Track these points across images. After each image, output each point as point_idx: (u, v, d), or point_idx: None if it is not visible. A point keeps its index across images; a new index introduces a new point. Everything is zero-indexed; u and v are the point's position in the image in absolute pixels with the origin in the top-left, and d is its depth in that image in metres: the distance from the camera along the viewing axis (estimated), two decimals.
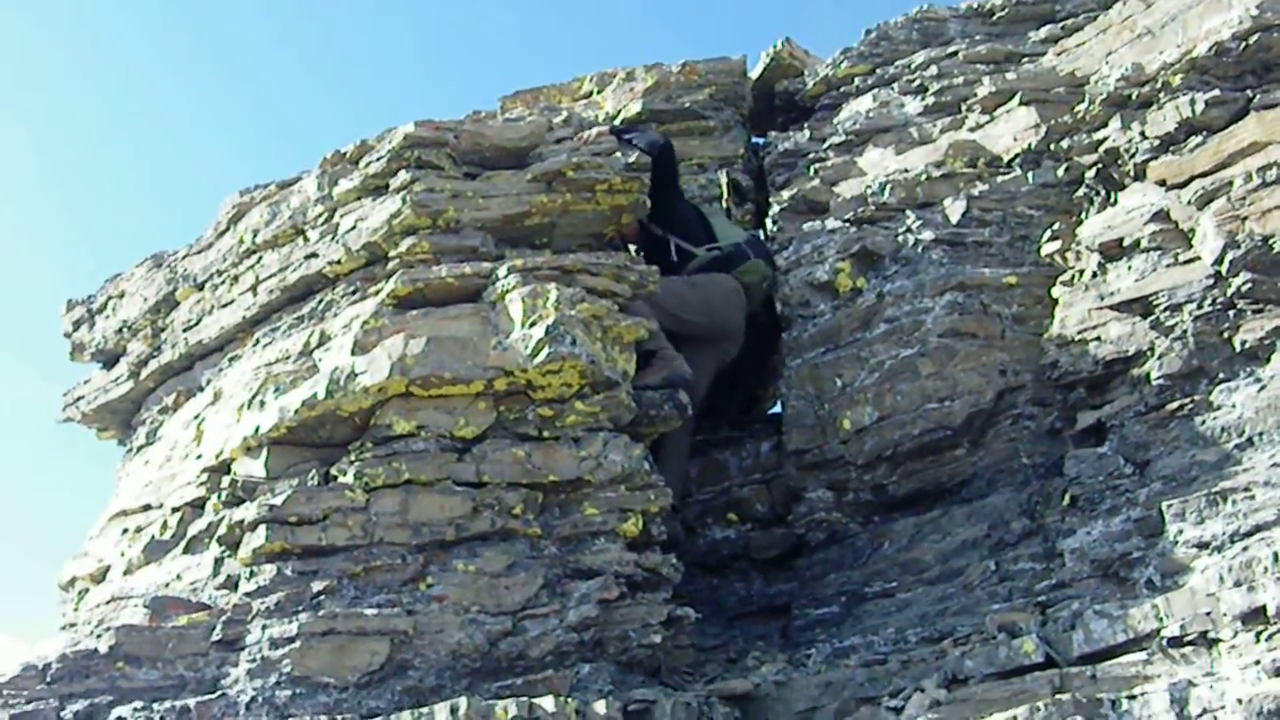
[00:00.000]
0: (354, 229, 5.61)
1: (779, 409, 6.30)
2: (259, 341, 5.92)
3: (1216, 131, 5.12)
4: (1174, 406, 4.79)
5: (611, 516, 4.85)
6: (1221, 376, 4.72)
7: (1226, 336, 4.74)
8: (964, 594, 5.02)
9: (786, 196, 6.43)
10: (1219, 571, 3.92)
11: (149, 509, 5.87)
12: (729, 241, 6.19)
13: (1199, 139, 5.16)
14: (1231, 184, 4.88)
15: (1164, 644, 3.91)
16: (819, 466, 5.78)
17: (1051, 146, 5.84)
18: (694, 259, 6.09)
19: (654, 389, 5.27)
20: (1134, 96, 5.52)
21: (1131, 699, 3.73)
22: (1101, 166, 5.54)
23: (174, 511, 5.53)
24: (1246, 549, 3.99)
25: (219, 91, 30.66)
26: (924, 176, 6.07)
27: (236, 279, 6.17)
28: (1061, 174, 5.76)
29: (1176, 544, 4.29)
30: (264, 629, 4.52)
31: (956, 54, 6.70)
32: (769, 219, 6.48)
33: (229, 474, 5.26)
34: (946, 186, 6.01)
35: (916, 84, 6.64)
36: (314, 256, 5.77)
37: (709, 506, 6.27)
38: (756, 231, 6.52)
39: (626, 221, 5.78)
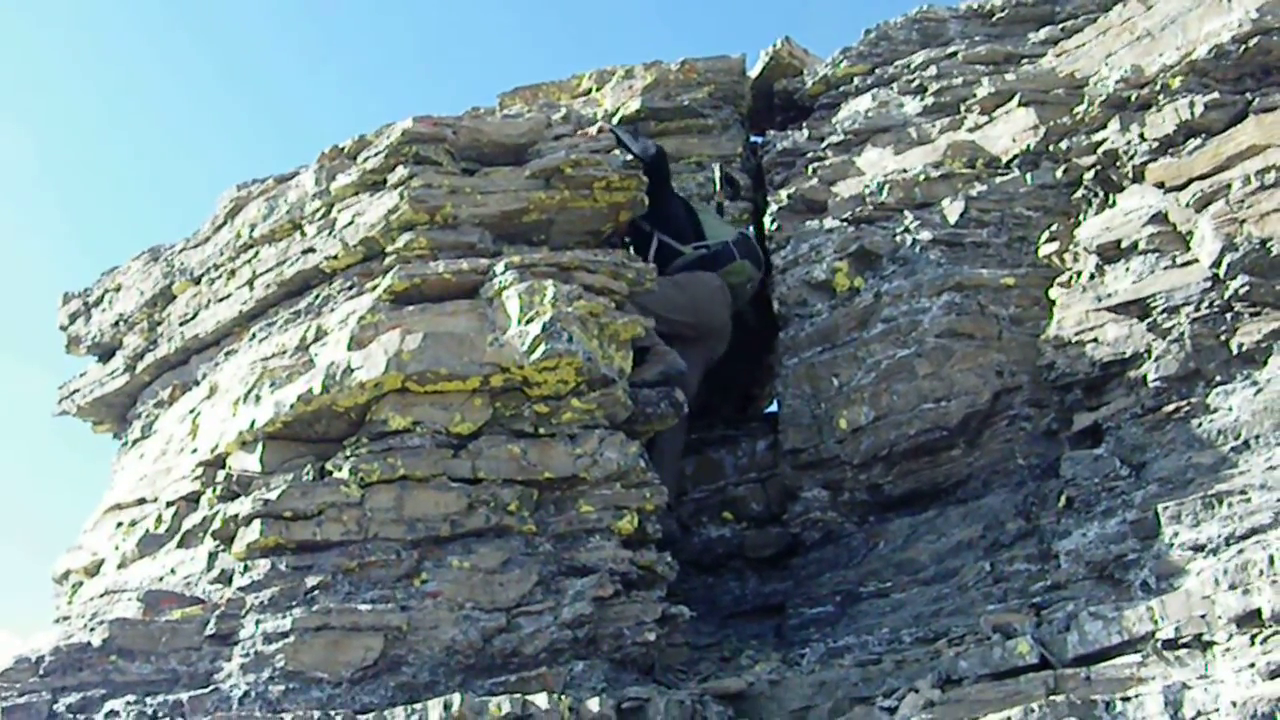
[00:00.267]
0: (351, 224, 5.60)
1: (775, 408, 6.31)
2: (255, 336, 5.91)
3: (1215, 134, 5.12)
4: (1170, 409, 4.79)
5: (607, 514, 4.84)
6: (1218, 379, 4.72)
7: (1224, 339, 4.73)
8: (959, 595, 5.02)
9: (784, 195, 6.42)
10: (1214, 574, 3.92)
11: (144, 503, 5.86)
12: (716, 240, 6.18)
13: (1198, 141, 5.16)
14: (1230, 187, 4.88)
15: (1159, 646, 3.91)
16: (815, 466, 5.78)
17: (1050, 148, 5.84)
18: (680, 256, 6.07)
19: (651, 385, 5.26)
20: (1133, 98, 5.52)
21: (1126, 701, 3.73)
22: (1100, 168, 5.54)
23: (169, 505, 5.51)
24: (1242, 552, 3.99)
25: (217, 87, 30.64)
26: (922, 177, 6.07)
27: (233, 273, 6.16)
28: (1060, 175, 5.75)
29: (1172, 546, 4.29)
30: (258, 624, 4.51)
31: (956, 54, 6.70)
32: (767, 218, 6.47)
33: (224, 468, 5.25)
34: (945, 187, 6.00)
35: (916, 84, 6.64)
36: (311, 251, 5.76)
37: (704, 505, 6.27)
38: (746, 230, 6.49)
39: (624, 219, 5.76)
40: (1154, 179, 5.25)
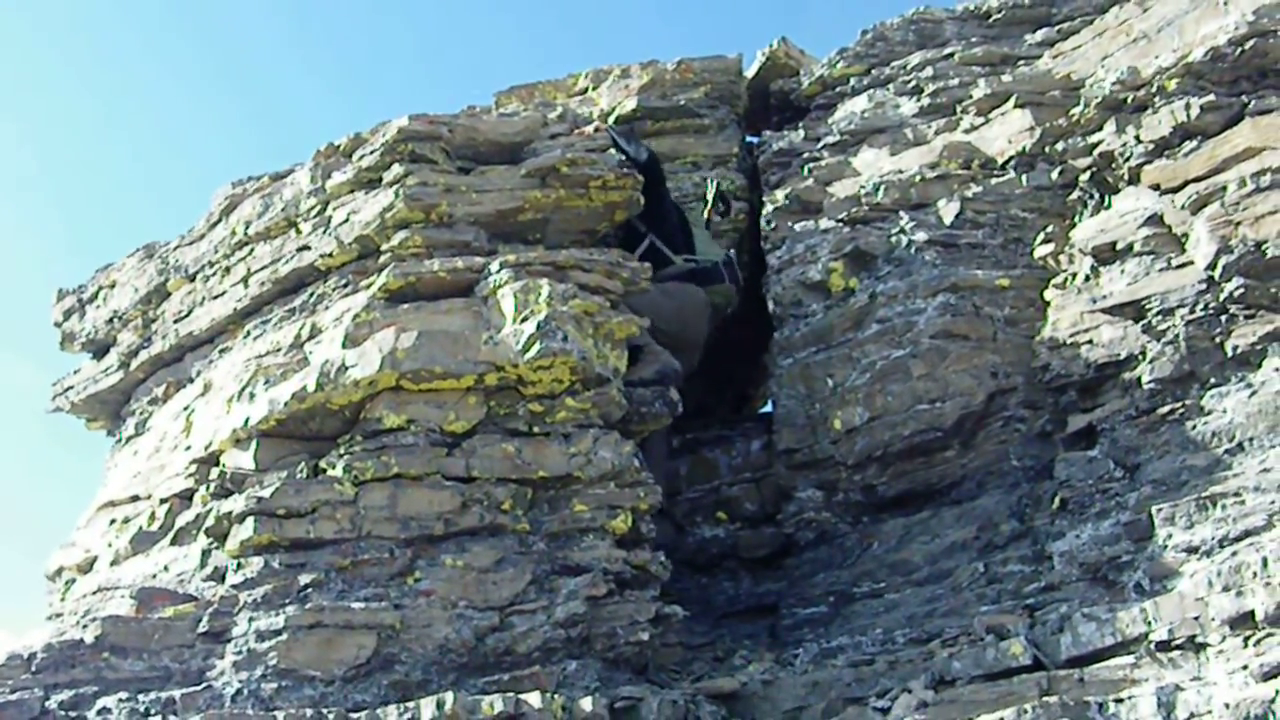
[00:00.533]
0: (346, 222, 5.59)
1: (770, 408, 6.30)
2: (249, 333, 5.90)
3: (1211, 136, 5.12)
4: (1165, 411, 4.78)
5: (600, 513, 4.84)
6: (1213, 381, 4.72)
7: (1218, 341, 4.73)
8: (952, 595, 5.02)
9: (780, 196, 6.41)
10: (1208, 576, 3.92)
11: (137, 500, 5.85)
12: (706, 257, 6.19)
13: (1193, 144, 5.16)
14: (1225, 189, 4.88)
15: (1152, 648, 3.91)
16: (809, 466, 5.78)
17: (1046, 149, 5.84)
18: (670, 265, 6.06)
19: (649, 383, 5.25)
20: (1129, 100, 5.52)
21: (1119, 702, 3.73)
22: (1096, 170, 5.54)
23: (162, 503, 5.51)
24: (1235, 554, 3.99)
25: (213, 84, 30.59)
26: (918, 177, 6.07)
27: (228, 270, 6.15)
28: (1055, 177, 5.76)
29: (1165, 548, 4.29)
30: (250, 621, 4.50)
31: (952, 56, 6.71)
32: (762, 218, 6.46)
33: (218, 466, 5.24)
34: (940, 188, 6.01)
35: (912, 85, 6.64)
36: (306, 249, 5.75)
37: (698, 505, 6.27)
38: (730, 253, 6.47)
39: (619, 218, 5.76)
40: (1149, 181, 5.25)
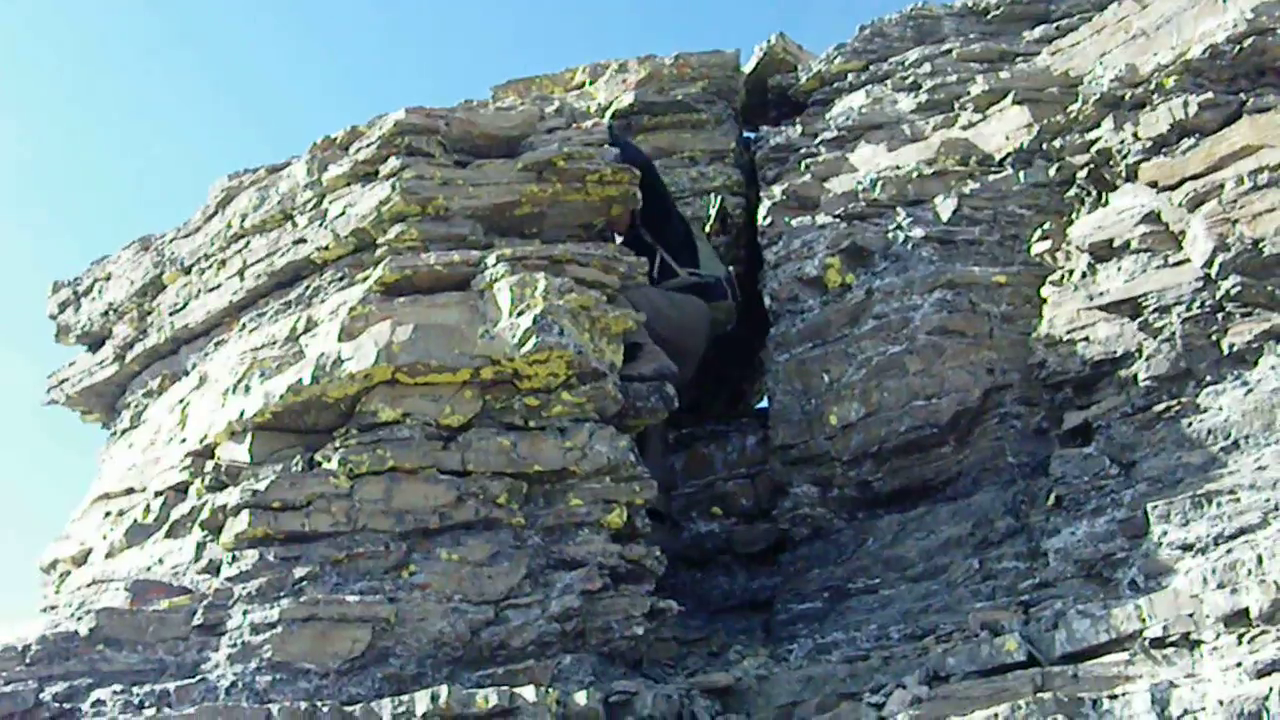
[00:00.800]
0: (343, 215, 5.58)
1: (765, 404, 6.30)
2: (245, 326, 5.89)
3: (1209, 134, 5.12)
4: (1161, 408, 4.79)
5: (596, 508, 4.83)
6: (1209, 379, 4.72)
7: (1215, 339, 4.74)
8: (947, 591, 5.02)
9: (777, 191, 6.41)
10: (1202, 573, 3.93)
11: (132, 492, 5.84)
12: (709, 273, 6.19)
13: (1191, 141, 5.17)
14: (1223, 187, 4.88)
15: (1146, 645, 3.91)
16: (804, 462, 5.78)
17: (1044, 146, 5.84)
18: (675, 277, 6.06)
19: (645, 379, 5.25)
20: (1127, 97, 5.52)
21: (1113, 699, 3.73)
22: (1093, 167, 5.54)
23: (157, 495, 5.50)
24: (1230, 551, 3.99)
25: (209, 77, 30.56)
26: (915, 174, 6.07)
27: (224, 263, 6.14)
28: (1053, 174, 5.76)
29: (1160, 545, 4.29)
30: (245, 614, 4.50)
31: (950, 52, 6.70)
32: (759, 213, 6.46)
33: (213, 458, 5.23)
34: (938, 184, 6.01)
35: (910, 81, 6.64)
36: (302, 242, 5.74)
37: (693, 500, 6.27)
38: (730, 271, 6.48)
39: (616, 213, 5.75)
40: (1147, 178, 5.25)
